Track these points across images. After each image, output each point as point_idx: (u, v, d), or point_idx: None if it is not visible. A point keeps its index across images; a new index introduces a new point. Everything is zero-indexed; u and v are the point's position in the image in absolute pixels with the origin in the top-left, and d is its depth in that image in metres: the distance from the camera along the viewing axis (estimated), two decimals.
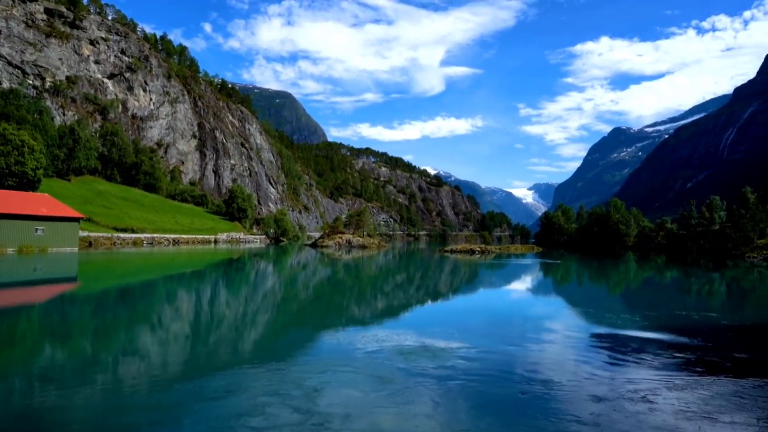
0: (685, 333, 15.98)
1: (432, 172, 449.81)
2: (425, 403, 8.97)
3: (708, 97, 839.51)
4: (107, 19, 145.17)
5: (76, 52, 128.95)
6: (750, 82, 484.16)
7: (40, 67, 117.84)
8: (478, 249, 77.70)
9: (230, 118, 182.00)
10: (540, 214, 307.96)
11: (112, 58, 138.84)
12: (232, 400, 8.95)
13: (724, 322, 19.55)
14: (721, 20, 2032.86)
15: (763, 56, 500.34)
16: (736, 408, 8.84)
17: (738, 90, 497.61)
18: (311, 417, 8.11)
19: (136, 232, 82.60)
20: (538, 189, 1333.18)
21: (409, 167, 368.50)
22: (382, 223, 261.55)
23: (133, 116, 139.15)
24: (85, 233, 69.09)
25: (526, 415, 8.50)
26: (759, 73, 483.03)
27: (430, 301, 26.37)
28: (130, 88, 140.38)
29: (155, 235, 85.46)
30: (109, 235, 75.60)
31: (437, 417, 8.37)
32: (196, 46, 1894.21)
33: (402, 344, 13.71)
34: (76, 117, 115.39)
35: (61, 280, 32.38)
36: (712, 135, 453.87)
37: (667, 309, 22.54)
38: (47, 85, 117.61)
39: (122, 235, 78.36)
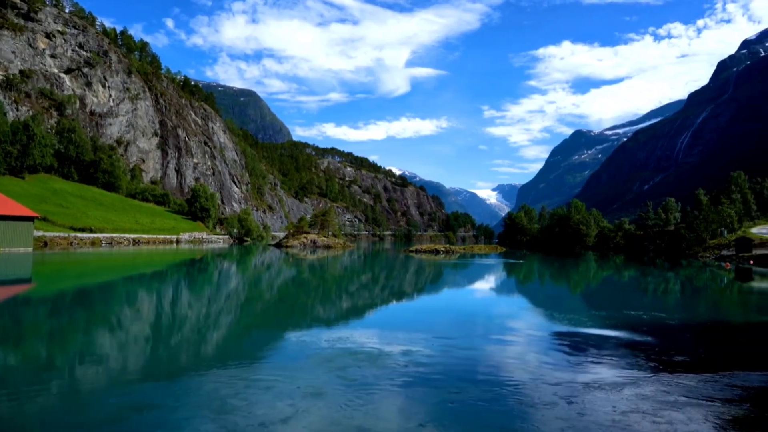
0: (642, 331, 16.48)
1: (397, 172, 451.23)
2: (363, 412, 8.67)
3: (664, 102, 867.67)
4: (64, 12, 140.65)
5: (30, 45, 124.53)
6: (703, 88, 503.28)
7: None
8: (443, 249, 78.36)
9: (193, 116, 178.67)
10: (503, 214, 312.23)
11: (69, 53, 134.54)
12: (154, 413, 8.47)
13: (678, 320, 20.25)
14: (677, 28, 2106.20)
15: (716, 63, 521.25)
16: (691, 403, 9.17)
17: (692, 96, 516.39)
18: None
19: (95, 232, 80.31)
20: (502, 190, 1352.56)
21: (374, 167, 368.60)
22: (347, 223, 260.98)
23: (92, 113, 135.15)
24: (40, 233, 66.82)
25: (483, 417, 8.63)
26: (711, 79, 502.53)
27: (393, 302, 26.47)
28: (89, 84, 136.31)
29: (115, 234, 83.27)
30: (66, 234, 73.30)
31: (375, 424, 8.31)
32: (157, 42, 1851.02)
33: (357, 347, 13.66)
34: (30, 112, 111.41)
35: (14, 281, 31.25)
36: (667, 139, 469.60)
37: (625, 308, 23.20)
38: None
39: (80, 234, 76.08)
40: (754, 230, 76.10)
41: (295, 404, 8.83)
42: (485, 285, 35.96)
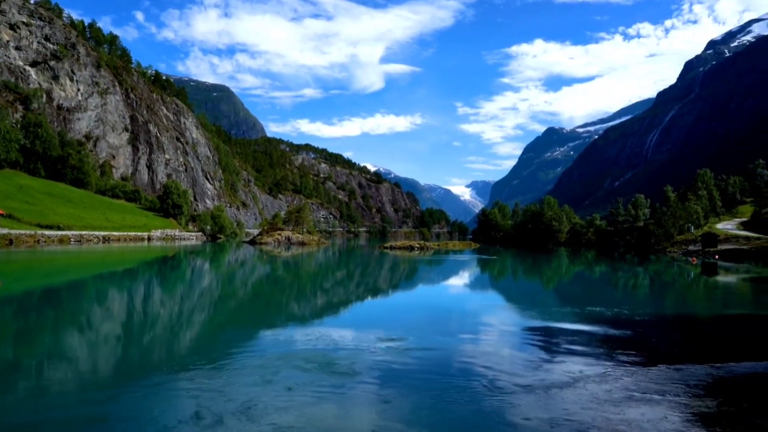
0: (611, 326, 16.83)
1: (372, 168, 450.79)
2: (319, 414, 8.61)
3: (634, 100, 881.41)
4: (29, 3, 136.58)
5: None
6: (671, 87, 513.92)
7: None
8: (417, 245, 78.65)
9: (165, 111, 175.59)
10: (477, 211, 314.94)
11: (35, 45, 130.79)
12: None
13: (647, 314, 20.71)
14: (645, 27, 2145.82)
15: (683, 63, 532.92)
16: (656, 392, 9.41)
17: (660, 94, 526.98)
18: None
19: (63, 229, 78.41)
20: (476, 186, 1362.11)
21: (349, 164, 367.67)
22: (322, 219, 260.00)
23: (59, 107, 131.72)
24: (5, 230, 65.02)
25: (457, 410, 8.72)
26: (679, 78, 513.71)
27: (368, 298, 26.52)
28: (56, 78, 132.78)
29: (84, 232, 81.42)
30: (33, 232, 71.42)
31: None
32: (127, 35, 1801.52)
33: (323, 346, 13.68)
34: None
35: None
36: (637, 136, 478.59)
37: (596, 303, 23.65)
38: None
39: (47, 232, 74.20)
40: (720, 226, 78.26)
41: (214, 420, 8.04)
42: (459, 281, 36.24)
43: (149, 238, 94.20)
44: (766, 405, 9.08)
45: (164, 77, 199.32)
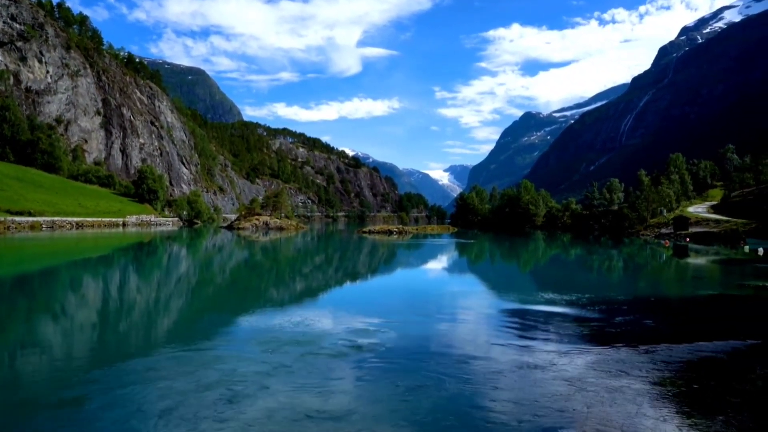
0: (585, 307, 17.16)
1: (350, 153, 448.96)
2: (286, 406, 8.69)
3: (609, 85, 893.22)
4: None
5: None
6: (645, 72, 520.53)
7: None
8: (396, 230, 78.84)
9: (138, 94, 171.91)
10: (455, 195, 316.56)
11: (0, 25, 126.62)
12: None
13: (620, 296, 21.16)
14: (620, 13, 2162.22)
15: (657, 49, 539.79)
16: (628, 373, 9.68)
17: (635, 80, 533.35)
18: None
19: (34, 216, 76.72)
20: (454, 171, 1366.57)
21: (327, 148, 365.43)
22: (300, 204, 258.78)
23: (28, 89, 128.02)
24: None
25: (437, 392, 8.86)
26: (653, 64, 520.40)
27: (345, 283, 26.59)
28: (23, 59, 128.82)
29: (56, 218, 79.77)
30: (2, 218, 69.76)
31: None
32: (97, 15, 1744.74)
33: (303, 331, 13.75)
34: None
35: None
36: (612, 121, 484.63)
37: (571, 285, 24.07)
38: None
39: (18, 218, 72.53)
40: (691, 209, 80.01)
41: (186, 410, 7.84)
42: (437, 265, 36.51)
43: (124, 224, 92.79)
44: (733, 382, 9.41)
45: (137, 59, 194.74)
